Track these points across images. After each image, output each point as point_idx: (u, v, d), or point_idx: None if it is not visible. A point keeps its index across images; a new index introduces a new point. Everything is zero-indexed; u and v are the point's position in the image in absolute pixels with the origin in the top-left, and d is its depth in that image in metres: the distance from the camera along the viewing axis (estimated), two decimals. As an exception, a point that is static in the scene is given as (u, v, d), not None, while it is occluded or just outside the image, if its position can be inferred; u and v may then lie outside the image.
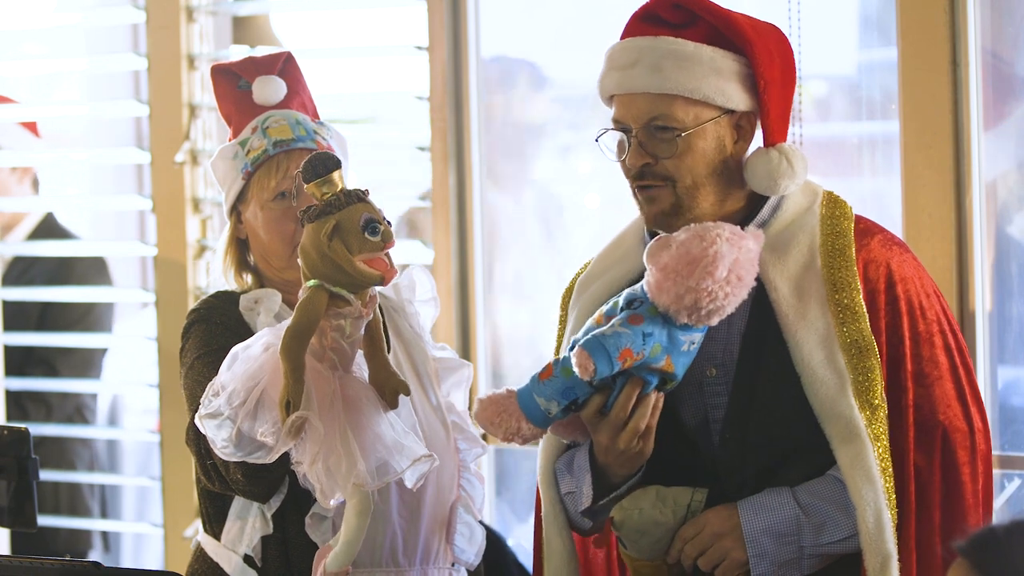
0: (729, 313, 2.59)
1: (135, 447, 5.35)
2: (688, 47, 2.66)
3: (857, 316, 2.64)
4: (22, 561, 2.67)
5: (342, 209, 2.61)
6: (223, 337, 2.94)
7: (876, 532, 2.59)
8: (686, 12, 2.68)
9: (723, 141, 2.68)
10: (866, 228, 2.74)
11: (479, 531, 3.10)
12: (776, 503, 2.65)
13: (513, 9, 4.34)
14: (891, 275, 2.68)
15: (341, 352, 2.69)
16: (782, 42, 2.73)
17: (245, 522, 2.97)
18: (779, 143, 2.70)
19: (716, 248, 2.54)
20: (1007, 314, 3.72)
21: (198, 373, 2.93)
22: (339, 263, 2.60)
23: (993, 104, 3.66)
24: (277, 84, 3.07)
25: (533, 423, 2.63)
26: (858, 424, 2.61)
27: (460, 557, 3.06)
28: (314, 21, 5.00)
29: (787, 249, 2.71)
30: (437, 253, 4.21)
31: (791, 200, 2.76)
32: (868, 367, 2.63)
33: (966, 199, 3.63)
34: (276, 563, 2.95)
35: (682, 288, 2.55)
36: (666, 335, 2.59)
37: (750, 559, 2.63)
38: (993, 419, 3.67)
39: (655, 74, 2.65)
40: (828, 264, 2.68)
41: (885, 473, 2.61)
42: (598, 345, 2.57)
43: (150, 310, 4.59)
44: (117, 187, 5.49)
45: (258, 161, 3.01)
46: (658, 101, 2.66)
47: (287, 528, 2.95)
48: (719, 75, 2.65)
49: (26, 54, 5.44)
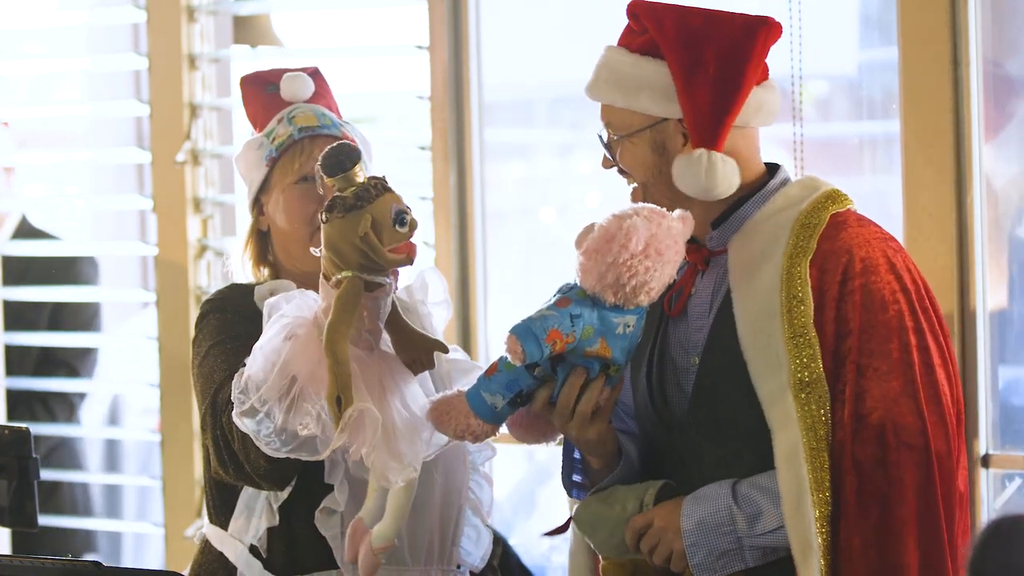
0: (656, 290, 2.63)
1: (135, 447, 5.35)
2: (624, 60, 2.78)
3: (803, 307, 2.67)
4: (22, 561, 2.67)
5: (372, 202, 2.62)
6: (239, 325, 2.94)
7: (796, 519, 2.62)
8: (641, 21, 2.77)
9: (665, 146, 2.75)
10: (842, 221, 2.75)
11: (486, 534, 3.10)
12: (714, 493, 2.69)
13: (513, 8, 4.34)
14: (851, 267, 2.68)
15: (376, 332, 2.71)
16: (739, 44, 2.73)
17: (252, 512, 2.97)
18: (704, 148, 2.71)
19: (630, 223, 2.59)
20: (1008, 314, 3.72)
21: (213, 360, 2.92)
22: (371, 255, 2.61)
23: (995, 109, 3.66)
24: (305, 80, 3.08)
25: (482, 419, 2.68)
26: (791, 411, 2.64)
27: (465, 559, 3.06)
28: (315, 21, 5.00)
29: (753, 240, 2.75)
30: (437, 253, 4.21)
31: (784, 194, 2.79)
32: (808, 356, 2.65)
33: (966, 199, 3.62)
34: (281, 555, 2.95)
35: (603, 266, 2.60)
36: (596, 317, 2.62)
37: (686, 549, 2.68)
38: (993, 419, 3.67)
39: (596, 85, 2.81)
40: (789, 255, 2.70)
41: (817, 463, 2.63)
42: (525, 329, 2.61)
43: (150, 310, 4.58)
44: (118, 187, 5.49)
45: (283, 147, 3.01)
46: (604, 110, 2.81)
47: (293, 521, 2.95)
48: (645, 87, 2.74)
49: (27, 54, 5.44)
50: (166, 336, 4.48)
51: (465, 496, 3.06)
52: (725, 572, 2.69)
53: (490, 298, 4.23)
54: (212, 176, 4.51)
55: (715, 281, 2.79)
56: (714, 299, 2.79)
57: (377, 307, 2.68)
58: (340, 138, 3.01)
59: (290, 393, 2.64)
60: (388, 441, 2.65)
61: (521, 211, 4.67)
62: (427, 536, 2.99)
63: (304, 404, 2.64)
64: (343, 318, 2.60)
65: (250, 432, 2.68)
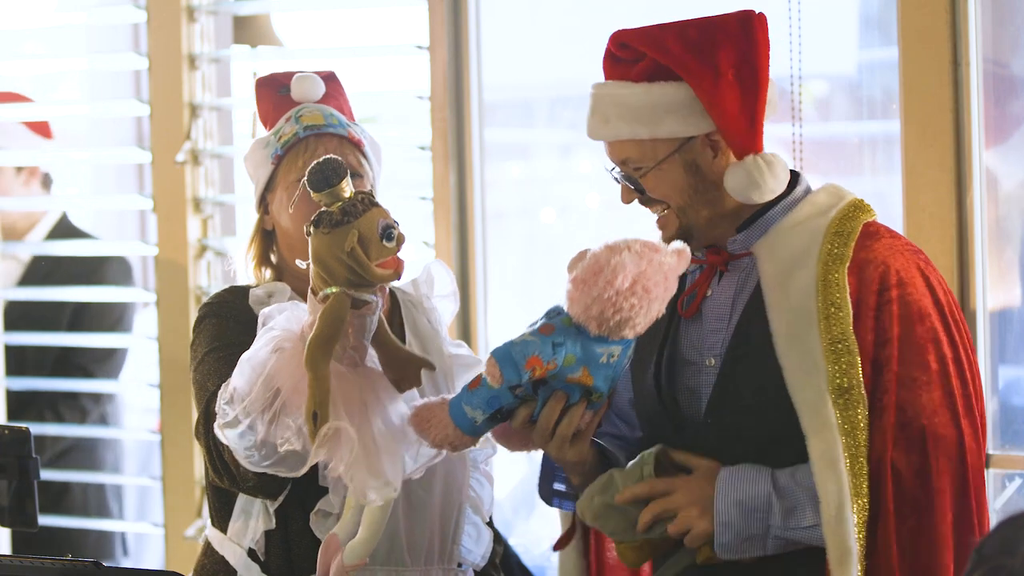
0: (643, 325, 2.61)
1: (135, 447, 5.35)
2: (631, 92, 2.73)
3: (842, 314, 2.67)
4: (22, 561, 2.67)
5: (359, 217, 2.61)
6: (234, 332, 2.94)
7: (836, 524, 2.61)
8: (633, 49, 2.74)
9: (696, 163, 2.74)
10: (875, 231, 2.76)
11: (487, 532, 3.10)
12: (753, 477, 2.68)
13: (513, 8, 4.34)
14: (887, 277, 2.69)
15: (361, 349, 2.69)
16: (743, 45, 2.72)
17: (249, 516, 2.97)
18: (749, 154, 2.71)
19: (618, 259, 2.56)
20: (1008, 314, 3.72)
21: (208, 367, 2.92)
22: (358, 271, 2.59)
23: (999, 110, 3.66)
24: (315, 81, 3.07)
25: (462, 431, 2.67)
26: (829, 416, 2.64)
27: (467, 558, 3.06)
28: (315, 21, 5.00)
29: (785, 245, 2.74)
30: (437, 253, 4.21)
31: (810, 201, 2.79)
32: (847, 363, 2.65)
33: (966, 199, 3.62)
34: (278, 558, 2.95)
35: (588, 299, 2.58)
36: (580, 346, 2.62)
37: (716, 527, 2.66)
38: (993, 419, 3.67)
39: (605, 124, 2.75)
40: (824, 261, 2.70)
41: (855, 468, 2.63)
42: (505, 353, 2.61)
43: (150, 310, 4.59)
44: (118, 186, 5.50)
45: (288, 144, 3.00)
46: (618, 147, 2.76)
47: (289, 523, 2.95)
48: (665, 111, 2.71)
49: (27, 53, 5.44)
50: (166, 336, 4.48)
51: (466, 494, 3.06)
52: (743, 556, 2.69)
53: (490, 298, 4.23)
54: (212, 176, 4.51)
55: (736, 284, 2.78)
56: (736, 302, 2.78)
57: (363, 324, 2.66)
58: (346, 138, 3.01)
59: (272, 406, 2.63)
60: (367, 459, 2.63)
61: (521, 211, 4.67)
62: (427, 535, 2.99)
63: (286, 419, 2.63)
64: (327, 334, 2.59)
65: (231, 445, 2.68)
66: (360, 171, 3.02)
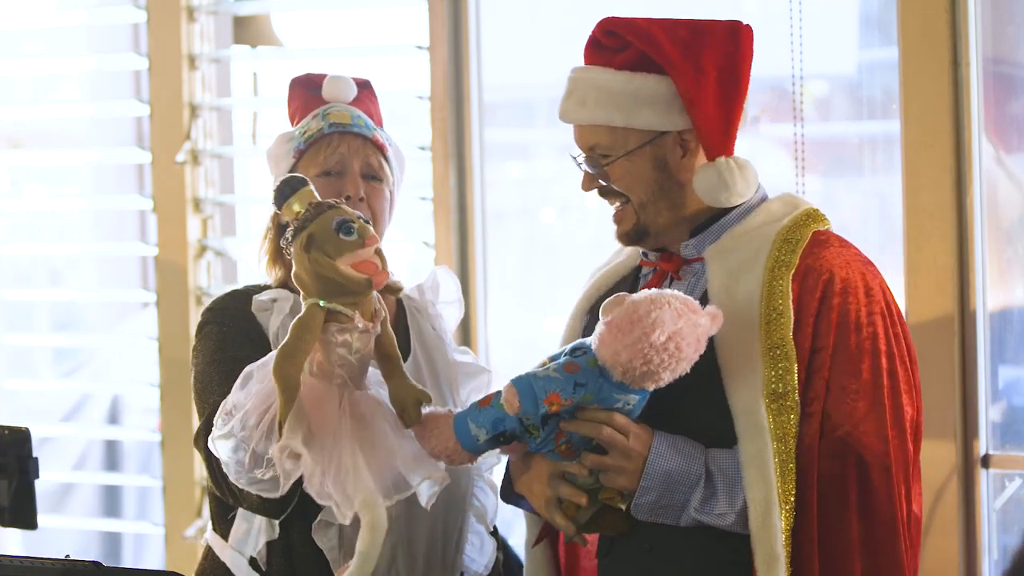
0: (665, 382, 2.62)
1: (136, 447, 5.35)
2: (612, 78, 2.75)
3: (783, 320, 2.68)
4: (22, 561, 2.67)
5: (313, 220, 2.60)
6: (235, 343, 2.92)
7: (763, 531, 2.63)
8: (620, 37, 2.75)
9: (665, 160, 2.75)
10: (824, 240, 2.77)
11: (490, 542, 3.10)
12: (690, 453, 2.68)
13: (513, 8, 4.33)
14: (831, 285, 2.70)
15: (350, 368, 2.66)
16: (729, 49, 2.74)
17: (251, 525, 2.96)
18: (719, 157, 2.73)
19: (659, 314, 2.57)
20: (1008, 314, 3.72)
21: (207, 380, 2.92)
22: (323, 272, 2.58)
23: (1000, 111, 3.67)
24: (347, 83, 3.07)
25: (462, 446, 2.68)
26: (761, 420, 2.65)
27: (469, 567, 3.05)
28: (315, 21, 4.99)
29: (735, 251, 2.76)
30: (437, 253, 4.21)
31: (765, 208, 2.81)
32: (784, 369, 2.66)
33: (966, 199, 3.62)
34: (280, 568, 2.94)
35: (620, 345, 2.58)
36: (599, 389, 2.63)
37: (639, 487, 2.66)
38: (993, 419, 3.67)
39: (581, 107, 2.78)
40: (771, 268, 2.72)
41: (784, 474, 2.64)
42: (527, 385, 2.62)
43: (150, 310, 4.59)
44: (118, 187, 5.49)
45: (311, 139, 3.00)
46: (589, 131, 2.78)
47: (292, 534, 2.94)
48: (644, 102, 2.73)
49: (27, 54, 5.44)
50: (166, 336, 4.48)
51: (469, 503, 3.05)
52: (655, 520, 2.70)
53: (490, 298, 4.23)
54: (212, 176, 4.50)
55: (687, 289, 2.79)
56: None
57: (348, 343, 2.63)
58: (370, 139, 3.01)
59: (267, 422, 2.63)
60: (336, 477, 2.62)
61: (521, 211, 4.66)
62: (431, 543, 2.98)
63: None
64: (297, 345, 2.57)
65: (223, 458, 2.68)
66: (380, 175, 3.01)
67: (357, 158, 2.99)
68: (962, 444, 3.64)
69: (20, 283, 5.37)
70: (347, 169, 2.97)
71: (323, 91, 3.06)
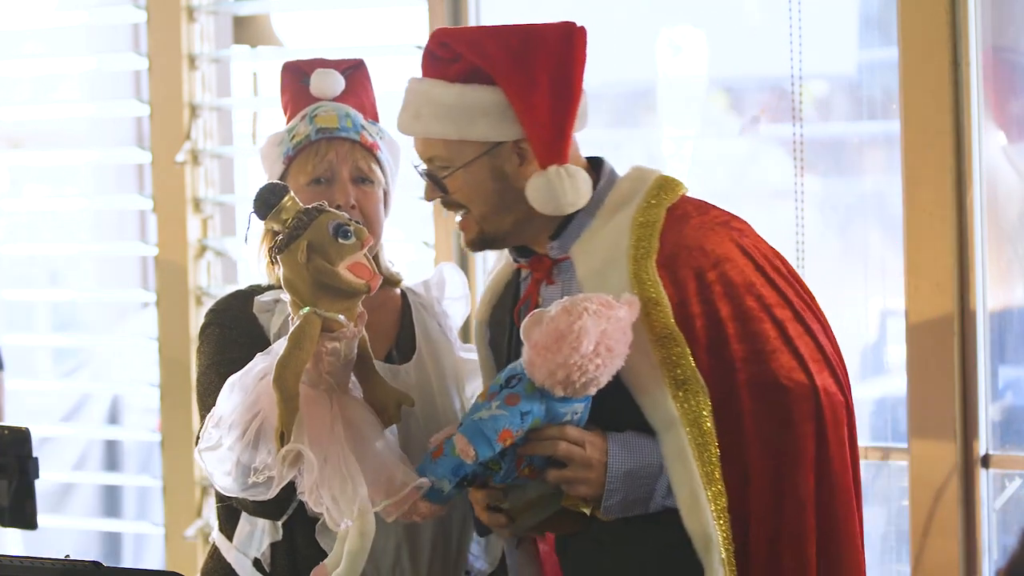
0: (605, 381, 2.61)
1: (136, 447, 5.36)
2: (445, 91, 2.73)
3: (660, 308, 2.66)
4: (22, 561, 2.67)
5: (307, 227, 2.59)
6: (236, 346, 2.92)
7: (692, 513, 2.63)
8: (452, 49, 2.75)
9: (503, 169, 2.73)
10: (681, 214, 2.74)
11: (494, 538, 3.09)
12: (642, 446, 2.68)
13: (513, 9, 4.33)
14: (703, 260, 2.69)
15: (338, 375, 2.66)
16: (562, 54, 2.72)
17: (255, 526, 2.96)
18: (553, 164, 2.70)
19: (581, 323, 2.56)
20: (1008, 314, 3.72)
21: (208, 382, 2.91)
22: (325, 280, 2.58)
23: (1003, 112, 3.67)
24: (334, 78, 3.05)
25: (430, 501, 2.67)
26: (671, 410, 2.65)
27: (474, 564, 3.05)
28: (315, 21, 5.00)
29: (596, 246, 2.74)
30: (437, 253, 4.21)
31: (617, 190, 2.78)
32: (678, 355, 2.65)
33: (967, 198, 3.63)
34: (284, 569, 2.94)
35: (552, 364, 2.58)
36: (544, 410, 2.62)
37: (605, 491, 2.67)
38: (993, 419, 3.67)
39: (416, 121, 2.76)
40: (633, 258, 2.70)
41: (704, 456, 2.64)
42: (477, 431, 2.60)
43: (150, 310, 4.59)
44: (118, 187, 5.50)
45: (299, 146, 2.99)
46: (426, 144, 2.77)
47: (295, 535, 2.93)
48: (478, 114, 2.71)
49: (27, 54, 5.44)
50: (166, 336, 4.48)
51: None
52: (627, 515, 2.70)
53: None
54: (212, 176, 4.51)
55: (562, 290, 2.77)
56: None
57: (337, 350, 2.64)
58: (358, 142, 3.00)
59: (252, 431, 2.62)
60: (332, 484, 2.61)
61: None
62: (435, 542, 2.98)
63: (264, 443, 2.61)
64: (295, 354, 2.57)
65: (208, 469, 2.67)
66: (371, 177, 3.00)
67: (346, 164, 2.98)
68: (962, 444, 3.65)
69: (20, 283, 5.38)
70: (336, 176, 2.97)
71: (311, 87, 3.05)
